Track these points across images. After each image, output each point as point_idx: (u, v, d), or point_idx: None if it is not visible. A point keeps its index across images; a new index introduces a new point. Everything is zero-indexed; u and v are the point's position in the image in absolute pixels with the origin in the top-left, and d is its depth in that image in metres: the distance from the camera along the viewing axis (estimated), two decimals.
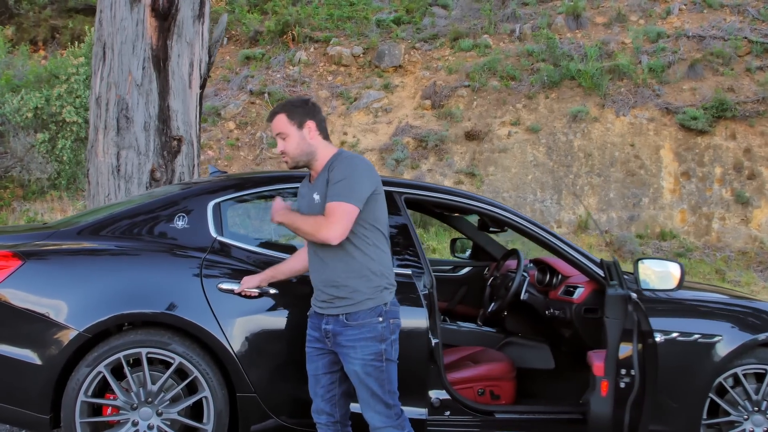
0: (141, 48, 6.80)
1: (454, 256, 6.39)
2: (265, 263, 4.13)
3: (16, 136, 15.16)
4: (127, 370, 3.93)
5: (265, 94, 18.15)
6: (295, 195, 4.51)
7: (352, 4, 20.08)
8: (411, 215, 4.69)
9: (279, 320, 4.10)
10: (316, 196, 3.67)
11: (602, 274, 4.48)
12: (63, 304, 3.91)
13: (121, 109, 6.77)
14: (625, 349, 4.03)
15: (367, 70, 18.52)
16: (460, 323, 5.43)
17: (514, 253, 5.34)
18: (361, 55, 18.69)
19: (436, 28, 18.92)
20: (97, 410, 4.00)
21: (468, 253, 6.32)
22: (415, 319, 4.09)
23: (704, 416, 4.45)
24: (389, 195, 4.30)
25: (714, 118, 15.59)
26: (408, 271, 4.16)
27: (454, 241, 6.44)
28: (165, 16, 6.83)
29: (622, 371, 4.01)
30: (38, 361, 3.87)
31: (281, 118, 3.74)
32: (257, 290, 4.00)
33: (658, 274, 4.26)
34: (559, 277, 5.04)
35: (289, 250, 4.38)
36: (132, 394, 3.96)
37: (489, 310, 5.14)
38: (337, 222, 3.49)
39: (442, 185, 4.86)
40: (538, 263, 5.33)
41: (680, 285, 4.24)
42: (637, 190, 15.55)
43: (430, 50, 18.64)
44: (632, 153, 15.92)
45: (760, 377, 4.57)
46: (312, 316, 3.80)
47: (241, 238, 4.32)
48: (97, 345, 3.93)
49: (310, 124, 3.73)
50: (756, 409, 4.53)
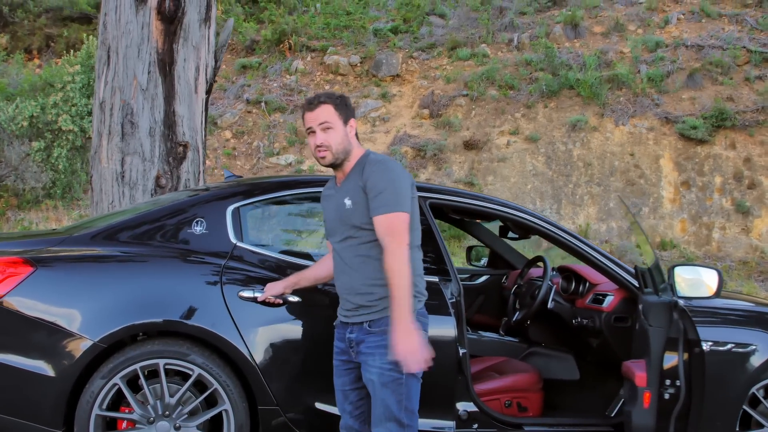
0: (146, 52, 6.66)
1: (470, 265, 6.25)
2: (286, 269, 3.99)
3: (10, 144, 14.98)
4: (143, 382, 3.77)
5: (262, 104, 18.02)
6: (312, 200, 4.38)
7: (349, 13, 19.97)
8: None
9: (302, 329, 3.94)
10: (348, 201, 3.47)
11: (634, 282, 4.36)
12: (76, 313, 3.73)
13: (126, 114, 6.62)
14: (670, 359, 3.88)
15: (365, 80, 18.42)
16: (482, 333, 5.29)
17: (539, 261, 5.21)
18: (359, 64, 18.59)
19: (434, 38, 18.84)
20: (110, 424, 3.82)
21: (483, 261, 6.19)
22: (443, 328, 3.93)
23: (737, 429, 4.33)
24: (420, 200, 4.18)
25: (713, 127, 15.54)
26: (435, 279, 4.02)
27: (470, 249, 6.31)
28: (171, 20, 6.70)
29: (667, 382, 3.87)
30: (50, 373, 3.68)
31: (329, 109, 3.50)
32: (281, 298, 3.84)
33: (694, 282, 4.12)
34: (587, 285, 4.90)
35: (310, 255, 4.24)
36: (149, 407, 3.79)
37: (514, 319, 5.01)
38: (399, 235, 3.32)
39: (468, 190, 4.72)
40: (563, 271, 5.19)
41: (718, 293, 4.11)
42: (637, 200, 15.47)
43: (428, 59, 18.55)
44: (632, 162, 15.85)
45: None
46: (338, 327, 3.59)
47: (262, 244, 4.18)
48: (111, 356, 3.76)
49: (353, 123, 3.57)
50: None
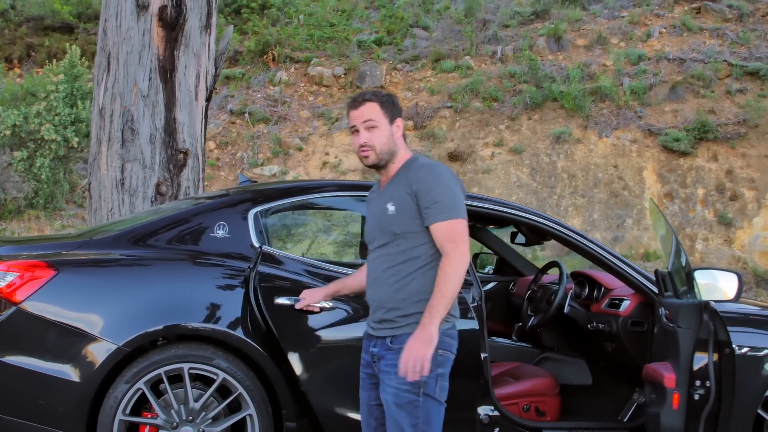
0: (147, 58, 6.64)
1: (476, 272, 6.26)
2: (310, 273, 3.97)
3: None
4: (167, 386, 3.73)
5: (246, 114, 17.97)
6: (335, 204, 4.37)
7: (332, 24, 20.00)
8: None
9: (335, 336, 3.91)
10: (390, 207, 3.31)
11: (651, 287, 4.39)
12: (100, 317, 3.69)
13: (126, 121, 6.59)
14: (700, 360, 3.90)
15: (349, 91, 18.42)
16: (494, 338, 5.30)
17: (552, 267, 5.23)
18: (343, 76, 18.60)
19: (418, 50, 18.90)
20: (131, 429, 3.78)
21: (488, 269, 6.20)
22: (465, 332, 3.92)
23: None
24: None
25: (696, 139, 15.70)
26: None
27: (475, 257, 6.31)
28: (172, 26, 6.69)
29: (697, 383, 3.89)
30: (74, 378, 3.64)
31: (374, 107, 3.37)
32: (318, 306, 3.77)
33: (714, 286, 4.15)
34: (602, 290, 4.93)
35: (331, 260, 4.23)
36: (172, 412, 3.75)
37: (530, 324, 5.02)
38: (462, 242, 3.18)
39: (484, 195, 4.74)
40: (576, 276, 5.22)
41: (738, 297, 4.15)
42: (621, 211, 15.58)
43: (412, 71, 18.60)
44: (615, 174, 15.97)
45: None
46: (365, 338, 3.47)
47: (284, 248, 4.16)
48: (134, 360, 3.72)
49: (400, 122, 3.43)
50: None
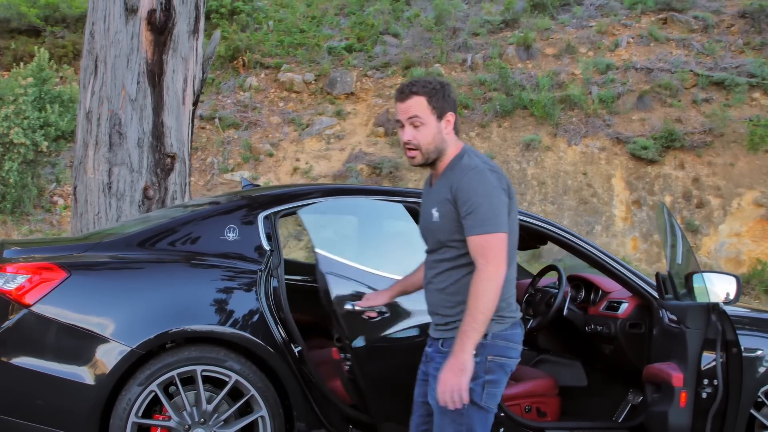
0: (136, 62, 6.63)
1: None
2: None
3: None
4: (181, 389, 3.72)
5: (216, 120, 17.90)
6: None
7: (302, 31, 20.00)
8: None
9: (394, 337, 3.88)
10: (435, 213, 3.19)
11: (649, 289, 4.48)
12: (113, 319, 3.68)
13: (114, 125, 6.58)
14: (708, 359, 3.99)
15: (319, 97, 18.44)
16: None
17: (550, 270, 5.30)
18: (313, 82, 18.62)
19: (388, 56, 18.97)
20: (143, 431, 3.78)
21: None
22: None
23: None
24: None
25: (663, 148, 15.95)
26: None
27: None
28: (161, 30, 6.68)
29: (705, 381, 3.98)
30: (88, 381, 3.62)
31: (420, 102, 3.16)
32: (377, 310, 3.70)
33: (713, 288, 4.25)
34: (599, 292, 5.02)
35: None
36: (184, 413, 3.75)
37: (529, 327, 5.09)
38: (493, 257, 3.00)
39: None
40: (572, 279, 5.31)
41: (736, 299, 4.25)
42: (590, 218, 15.77)
43: (382, 78, 18.67)
44: (585, 181, 16.16)
45: None
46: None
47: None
48: (147, 362, 3.72)
49: (451, 116, 3.22)
50: None
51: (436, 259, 3.22)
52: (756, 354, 4.44)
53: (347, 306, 3.67)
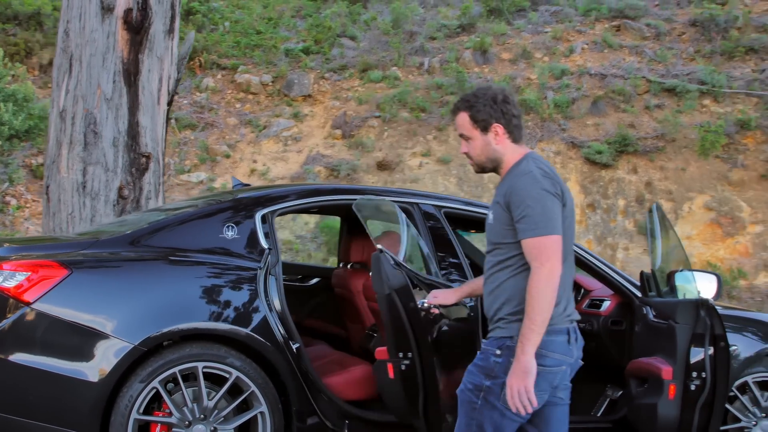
0: (111, 61, 6.59)
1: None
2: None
3: None
4: (182, 385, 3.74)
5: (172, 120, 17.75)
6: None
7: (259, 32, 19.95)
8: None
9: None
10: (491, 216, 3.25)
11: (630, 288, 4.62)
12: (115, 316, 3.69)
13: (89, 124, 6.54)
14: (696, 353, 4.12)
15: (276, 99, 18.42)
16: None
17: None
18: (270, 84, 18.58)
19: (345, 59, 19.03)
20: (142, 428, 3.78)
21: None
22: None
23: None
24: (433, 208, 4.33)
25: (617, 152, 16.26)
26: (455, 286, 4.16)
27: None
28: (138, 30, 6.66)
29: (693, 374, 4.11)
30: (90, 378, 3.63)
31: (463, 118, 3.28)
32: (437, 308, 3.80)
33: (694, 286, 4.39)
34: (581, 291, 5.14)
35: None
36: (185, 410, 3.77)
37: None
38: (547, 260, 3.01)
39: (474, 199, 4.90)
40: None
41: (718, 296, 4.39)
42: None
43: (340, 80, 18.71)
44: None
45: (766, 385, 4.83)
46: None
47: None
48: (149, 359, 3.73)
49: (497, 128, 3.25)
50: (764, 414, 4.80)
51: (489, 261, 3.29)
52: (730, 350, 4.59)
53: (418, 303, 3.75)
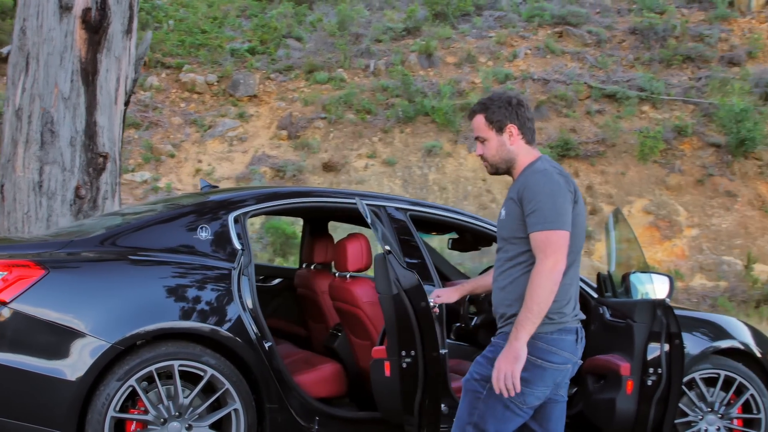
0: (69, 60, 6.57)
1: None
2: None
3: None
4: (158, 383, 3.79)
5: None
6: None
7: (204, 31, 19.85)
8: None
9: None
10: (503, 212, 3.33)
11: (585, 288, 4.79)
12: (92, 315, 3.72)
13: (46, 123, 6.50)
14: (653, 350, 4.30)
15: (222, 99, 18.36)
16: None
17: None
18: (216, 83, 18.51)
19: (291, 60, 19.06)
20: (117, 426, 3.82)
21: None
22: None
23: None
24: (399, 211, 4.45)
25: (559, 156, 16.59)
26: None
27: None
28: (96, 29, 6.63)
29: (650, 370, 4.28)
30: (67, 376, 3.64)
31: (479, 120, 3.35)
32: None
33: (648, 287, 4.58)
34: None
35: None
36: (161, 407, 3.82)
37: (473, 324, 5.31)
38: (552, 253, 3.08)
39: (436, 202, 5.02)
40: None
41: (670, 295, 4.59)
42: None
43: (285, 81, 18.74)
44: (484, 187, 16.65)
45: (711, 381, 5.06)
46: None
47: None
48: (125, 358, 3.76)
49: (512, 129, 3.32)
50: (710, 409, 5.03)
51: (500, 257, 3.36)
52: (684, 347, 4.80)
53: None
